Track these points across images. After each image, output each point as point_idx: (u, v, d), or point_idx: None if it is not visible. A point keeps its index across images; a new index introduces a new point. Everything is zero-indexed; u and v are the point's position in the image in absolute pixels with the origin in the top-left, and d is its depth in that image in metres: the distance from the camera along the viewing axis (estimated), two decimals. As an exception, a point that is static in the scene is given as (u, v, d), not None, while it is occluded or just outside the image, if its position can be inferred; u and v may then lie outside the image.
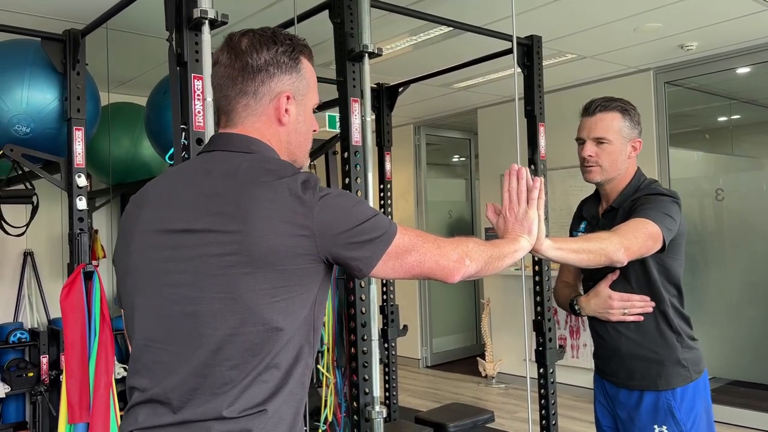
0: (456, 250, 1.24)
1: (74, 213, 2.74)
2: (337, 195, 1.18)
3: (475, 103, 6.00)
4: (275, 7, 3.26)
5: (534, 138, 3.12)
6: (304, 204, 1.11)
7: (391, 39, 4.00)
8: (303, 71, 1.25)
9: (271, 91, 1.22)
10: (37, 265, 4.37)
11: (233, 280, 1.08)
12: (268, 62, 1.20)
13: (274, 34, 1.23)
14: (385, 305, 3.91)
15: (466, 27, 3.04)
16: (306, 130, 1.28)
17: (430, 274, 1.23)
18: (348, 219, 1.15)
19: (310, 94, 1.27)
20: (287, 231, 1.09)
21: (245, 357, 1.08)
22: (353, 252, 1.15)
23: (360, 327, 2.36)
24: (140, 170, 4.12)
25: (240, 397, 1.07)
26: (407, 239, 1.20)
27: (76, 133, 2.74)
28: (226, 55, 1.22)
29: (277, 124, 1.24)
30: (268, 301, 1.09)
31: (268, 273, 1.09)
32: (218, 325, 1.09)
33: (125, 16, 2.71)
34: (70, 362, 2.60)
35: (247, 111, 1.22)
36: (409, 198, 6.75)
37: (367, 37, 2.30)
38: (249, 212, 1.09)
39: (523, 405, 5.21)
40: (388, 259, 1.17)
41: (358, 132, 2.38)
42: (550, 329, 3.06)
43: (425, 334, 6.72)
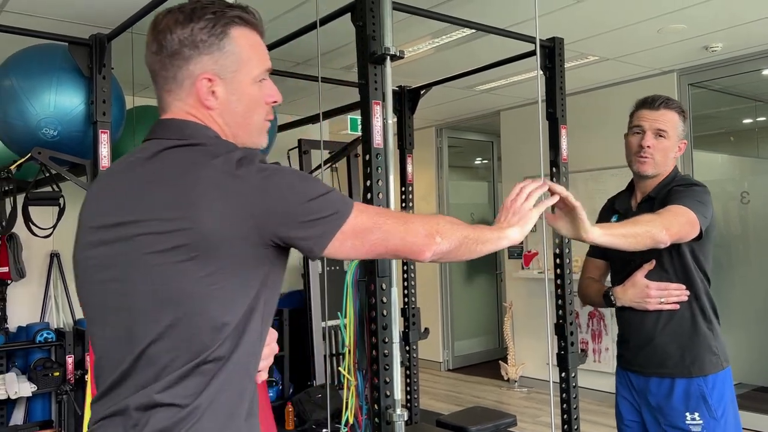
0: (425, 225, 1.17)
1: (100, 215, 2.79)
2: (282, 171, 1.08)
3: (497, 105, 5.98)
4: (298, 10, 3.28)
5: (556, 140, 3.09)
6: (242, 182, 1.03)
7: (413, 41, 4.01)
8: (230, 46, 1.13)
9: (190, 74, 1.13)
10: (63, 267, 4.44)
11: (168, 271, 1.02)
12: (183, 43, 1.11)
13: (194, 9, 1.13)
14: (407, 308, 3.91)
15: (488, 29, 3.04)
16: (245, 109, 1.17)
17: (398, 251, 1.16)
18: (293, 196, 1.06)
19: (245, 69, 1.15)
20: (223, 213, 1.02)
21: (181, 350, 1.03)
22: (301, 231, 1.07)
23: (381, 329, 2.36)
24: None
25: (176, 387, 1.03)
26: (366, 217, 1.12)
27: (101, 135, 2.79)
28: (150, 38, 1.15)
29: (205, 108, 1.14)
30: (207, 291, 1.03)
31: (205, 260, 1.02)
32: (153, 318, 1.04)
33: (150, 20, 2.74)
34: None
35: (173, 97, 1.15)
36: (431, 200, 6.75)
37: (389, 40, 2.31)
38: (181, 197, 1.03)
39: (545, 409, 5.17)
40: (345, 239, 1.10)
41: (379, 134, 2.38)
42: (572, 333, 3.03)
43: (447, 337, 6.70)
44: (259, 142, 1.22)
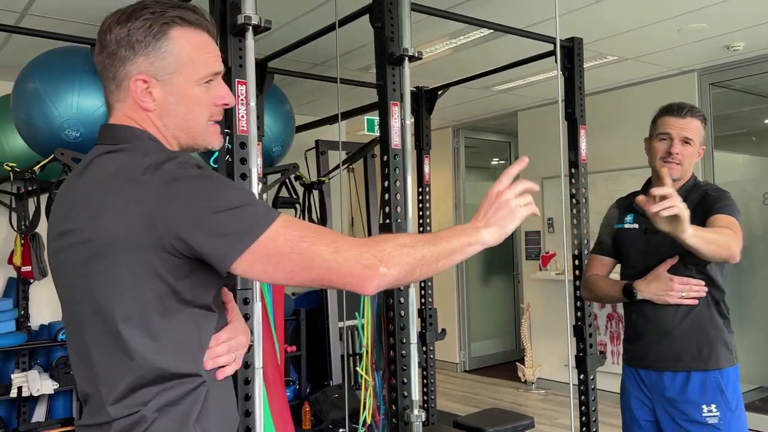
0: (364, 254, 1.02)
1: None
2: (193, 177, 1.01)
3: (515, 105, 5.96)
4: (317, 11, 3.29)
5: (575, 141, 3.08)
6: (143, 188, 0.99)
7: (430, 42, 4.01)
8: (168, 46, 1.08)
9: (127, 75, 1.09)
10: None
11: (89, 281, 1.02)
12: (119, 43, 1.07)
13: (134, 9, 1.09)
14: (424, 308, 3.91)
15: (506, 29, 3.03)
16: (185, 112, 1.12)
17: (328, 283, 1.03)
18: (199, 205, 0.99)
19: (185, 70, 1.10)
20: (123, 221, 0.99)
21: (113, 360, 1.02)
22: (205, 244, 0.99)
23: (399, 330, 2.37)
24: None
25: (125, 399, 1.02)
26: (285, 239, 1.00)
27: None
28: (96, 43, 1.13)
29: (143, 110, 1.11)
30: (118, 301, 1.01)
31: (112, 270, 1.00)
32: (89, 327, 1.04)
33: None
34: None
35: (114, 98, 1.12)
36: (448, 201, 6.74)
37: (407, 41, 2.31)
38: (91, 206, 1.02)
39: (563, 411, 5.14)
40: (254, 261, 0.99)
41: (397, 135, 2.39)
42: (591, 335, 3.01)
43: (463, 338, 6.69)
44: (206, 143, 1.17)
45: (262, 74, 3.24)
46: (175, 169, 1.01)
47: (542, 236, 5.92)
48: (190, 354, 1.07)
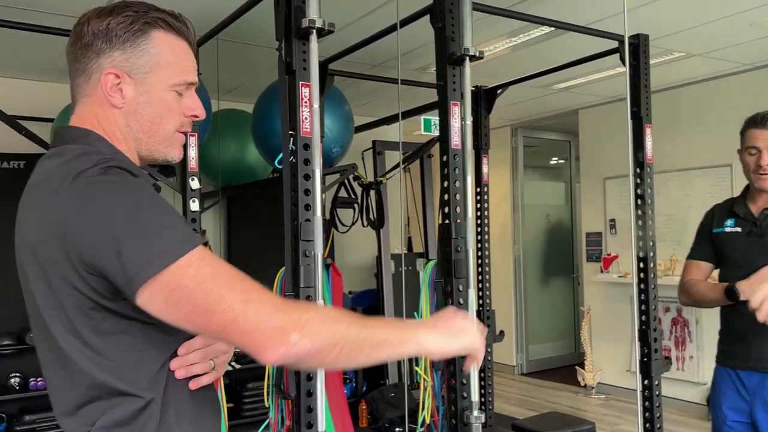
0: (281, 313, 0.90)
1: (188, 214, 2.92)
2: (111, 188, 0.92)
3: (575, 103, 5.84)
4: (377, 12, 3.32)
5: (640, 140, 2.99)
6: (59, 198, 0.92)
7: (488, 41, 3.97)
8: (146, 45, 1.04)
9: (98, 67, 1.04)
10: (152, 263, 4.67)
11: (32, 294, 0.99)
12: (96, 35, 1.03)
13: (117, 6, 1.06)
14: (482, 309, 3.88)
15: (569, 27, 2.98)
16: (153, 115, 1.06)
17: (226, 336, 0.93)
18: (109, 220, 0.90)
19: (161, 72, 1.05)
20: (42, 233, 0.94)
21: (59, 374, 1.00)
22: (109, 267, 0.90)
23: (458, 330, 2.36)
24: (245, 173, 4.32)
25: (73, 416, 0.99)
26: (194, 273, 0.88)
27: (190, 138, 2.91)
28: (71, 35, 1.07)
29: (110, 106, 1.05)
30: (50, 315, 0.97)
31: (43, 282, 0.96)
32: (38, 341, 1.03)
33: (234, 26, 2.85)
34: (183, 354, 2.76)
35: (81, 92, 1.07)
36: (506, 201, 6.66)
37: (468, 41, 2.30)
38: (22, 218, 1.00)
39: (624, 417, 5.00)
40: (155, 292, 0.88)
41: (457, 135, 2.38)
42: (656, 339, 2.92)
43: (521, 341, 6.60)
44: (168, 153, 1.11)
45: (323, 76, 3.28)
46: (95, 176, 0.93)
47: (604, 238, 5.78)
48: (137, 370, 0.97)
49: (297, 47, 2.06)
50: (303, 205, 2.10)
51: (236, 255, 5.02)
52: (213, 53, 3.35)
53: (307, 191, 2.10)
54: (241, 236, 5.02)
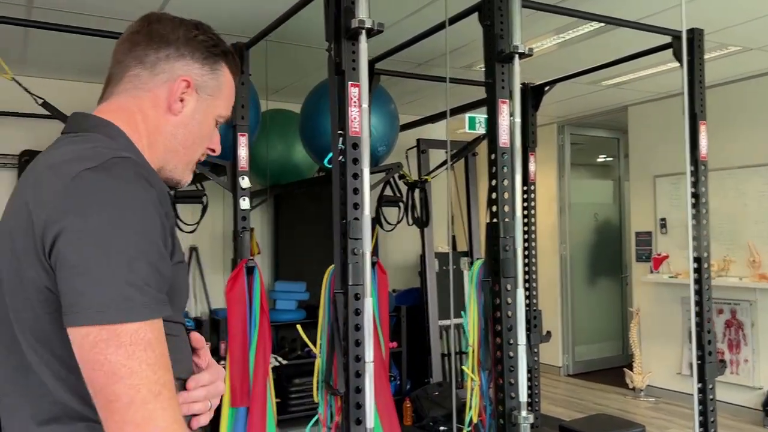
0: (165, 422, 0.80)
1: (238, 212, 2.98)
2: (108, 194, 0.84)
3: (624, 100, 5.71)
4: (425, 10, 3.31)
5: (694, 137, 2.92)
6: (55, 178, 0.86)
7: (534, 38, 3.93)
8: (219, 72, 1.06)
9: (172, 70, 1.02)
10: (201, 260, 4.79)
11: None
12: (180, 40, 1.02)
13: (200, 24, 1.06)
14: (528, 309, 3.85)
15: (622, 23, 2.92)
16: (198, 135, 1.05)
17: (104, 415, 0.81)
18: (87, 230, 0.81)
19: (219, 102, 1.07)
20: (18, 215, 0.88)
21: (18, 382, 0.92)
22: (61, 281, 0.82)
23: (506, 330, 2.35)
24: (292, 172, 4.38)
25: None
26: (129, 342, 0.79)
27: (240, 138, 2.98)
28: (138, 24, 1.05)
29: (166, 110, 1.02)
30: (21, 324, 0.90)
31: (14, 282, 0.89)
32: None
33: (281, 27, 2.89)
34: (233, 350, 2.83)
35: (135, 82, 1.01)
36: (552, 200, 6.57)
37: (517, 38, 2.29)
38: (12, 206, 0.92)
39: (675, 421, 4.88)
40: (77, 337, 0.80)
41: (506, 133, 2.36)
42: (710, 342, 2.85)
43: (567, 342, 6.50)
44: (184, 176, 1.08)
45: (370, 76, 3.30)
46: (100, 172, 0.85)
47: (654, 237, 5.64)
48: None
49: (346, 47, 2.09)
50: (351, 203, 2.12)
51: (283, 253, 5.10)
52: (262, 54, 3.40)
53: (356, 190, 2.12)
54: (287, 235, 5.09)
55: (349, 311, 2.08)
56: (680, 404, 5.23)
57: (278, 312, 4.46)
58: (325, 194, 5.10)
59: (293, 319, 4.44)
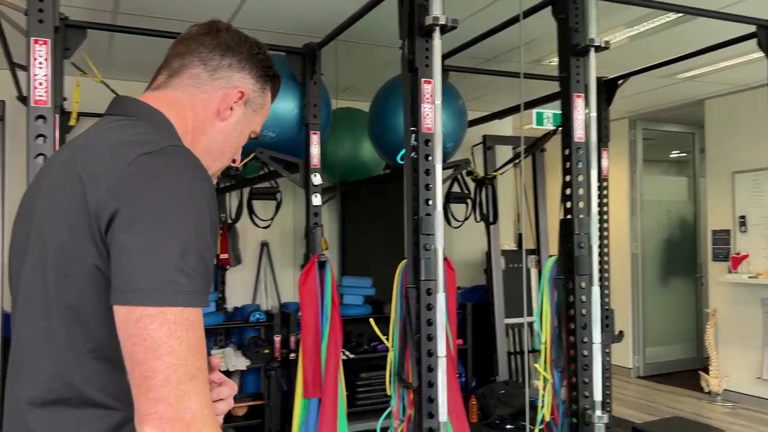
0: (196, 405, 0.82)
1: (310, 208, 3.05)
2: (175, 179, 0.87)
3: (701, 93, 5.49)
4: (497, 5, 3.29)
5: (781, 130, 2.78)
6: (113, 162, 0.88)
7: (605, 31, 3.84)
8: (266, 92, 1.13)
9: (231, 79, 1.07)
10: (272, 255, 4.92)
11: (44, 256, 0.95)
12: (244, 54, 1.08)
13: (262, 44, 1.14)
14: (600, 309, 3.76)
15: (703, 13, 2.81)
16: (234, 144, 1.11)
17: (136, 392, 0.82)
18: (147, 215, 0.84)
19: (258, 118, 1.14)
20: (86, 199, 0.88)
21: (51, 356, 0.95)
22: (113, 261, 0.84)
23: (580, 329, 2.32)
24: (359, 170, 4.43)
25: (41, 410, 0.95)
26: (171, 326, 0.82)
27: (312, 136, 3.05)
28: (206, 28, 1.10)
29: (215, 114, 1.07)
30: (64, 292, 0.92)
31: (66, 249, 0.91)
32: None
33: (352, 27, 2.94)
34: (306, 342, 2.90)
35: (193, 81, 1.06)
36: (623, 197, 6.39)
37: (593, 31, 2.25)
38: (69, 176, 0.93)
39: (755, 427, 4.67)
40: (123, 313, 0.83)
41: (580, 128, 2.33)
42: (798, 345, 2.72)
43: (638, 343, 6.31)
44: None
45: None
46: (158, 158, 0.88)
47: (732, 235, 5.40)
48: (119, 379, 0.88)
49: (420, 45, 2.10)
50: (423, 199, 2.14)
51: (349, 249, 5.17)
52: (331, 54, 3.46)
53: (428, 186, 2.14)
54: (353, 231, 5.16)
55: (421, 306, 2.10)
56: (761, 410, 5.00)
57: (345, 307, 4.52)
58: (390, 191, 5.16)
59: (360, 314, 4.50)
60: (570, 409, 2.30)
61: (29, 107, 2.09)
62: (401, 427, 2.14)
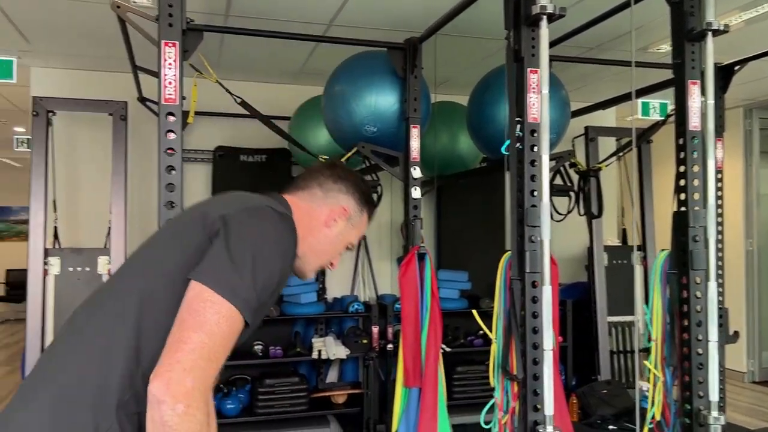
0: (201, 381, 1.07)
1: (410, 201, 3.09)
2: (269, 224, 1.26)
3: (828, 78, 5.07)
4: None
5: None
6: (236, 203, 1.31)
7: (720, 16, 3.62)
8: (364, 214, 1.52)
9: (337, 200, 1.46)
10: (369, 247, 5.01)
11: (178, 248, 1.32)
12: (349, 185, 1.49)
13: (365, 181, 1.57)
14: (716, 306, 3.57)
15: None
16: (330, 250, 1.48)
17: (172, 343, 1.09)
18: (246, 229, 1.22)
19: (355, 232, 1.51)
20: (213, 216, 1.27)
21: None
22: (212, 246, 1.19)
23: (694, 326, 2.22)
24: (456, 163, 4.43)
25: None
26: (217, 310, 1.11)
27: (412, 130, 3.08)
28: (329, 165, 1.54)
29: (323, 222, 1.44)
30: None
31: (195, 246, 1.26)
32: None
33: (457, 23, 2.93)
34: (406, 332, 2.94)
35: (310, 196, 1.46)
36: (737, 190, 6.00)
37: (711, 14, 2.14)
38: (212, 204, 1.39)
39: None
40: (196, 287, 1.13)
41: (696, 116, 2.22)
42: None
43: (752, 345, 5.92)
44: (308, 273, 1.49)
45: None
46: (264, 214, 1.27)
47: None
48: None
49: (526, 34, 2.08)
50: (529, 190, 2.11)
51: (445, 243, 5.18)
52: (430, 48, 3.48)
53: (533, 176, 2.11)
54: (448, 224, 5.16)
55: (526, 299, 2.08)
56: None
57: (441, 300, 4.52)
58: (486, 185, 5.11)
59: (456, 308, 4.50)
60: (683, 408, 2.21)
61: (160, 105, 2.26)
62: (505, 419, 2.14)
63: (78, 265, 3.90)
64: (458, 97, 4.44)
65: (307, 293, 4.35)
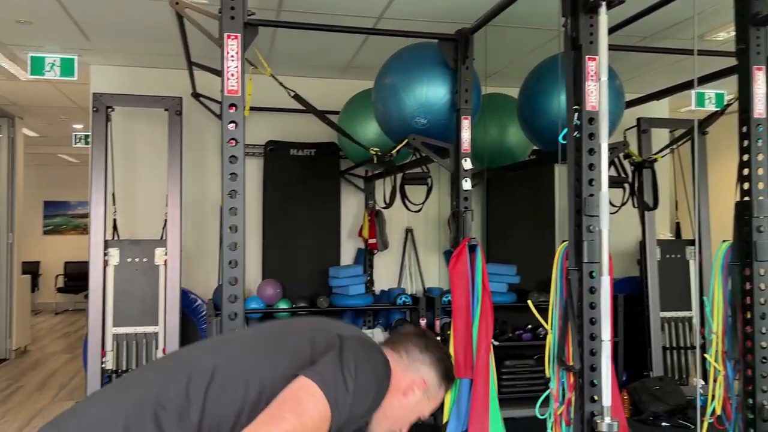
0: None
1: (460, 192, 3.08)
2: (360, 357, 1.41)
3: None
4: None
5: None
6: (350, 342, 1.46)
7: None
8: (442, 389, 1.61)
9: (420, 371, 1.55)
10: (416, 241, 5.02)
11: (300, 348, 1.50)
12: (434, 359, 1.58)
13: (449, 358, 1.66)
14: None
15: None
16: (405, 417, 1.55)
17: (262, 420, 1.26)
18: (343, 353, 1.40)
19: (430, 405, 1.59)
20: (329, 335, 1.49)
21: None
22: (319, 358, 1.39)
23: (758, 319, 2.16)
24: (506, 155, 4.40)
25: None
26: (314, 403, 1.28)
27: (463, 122, 3.07)
28: (418, 332, 1.68)
29: (402, 391, 1.52)
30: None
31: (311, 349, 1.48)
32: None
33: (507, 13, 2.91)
34: (457, 323, 2.94)
35: (398, 360, 1.54)
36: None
37: (778, -3, 2.07)
38: (327, 326, 1.57)
39: None
40: (300, 378, 1.31)
41: (761, 103, 2.16)
42: None
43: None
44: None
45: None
46: (375, 350, 1.49)
47: None
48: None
49: (584, 21, 2.06)
50: (587, 179, 2.09)
51: (493, 236, 5.15)
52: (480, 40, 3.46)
53: (591, 165, 2.09)
54: (497, 217, 5.13)
55: (584, 289, 2.06)
56: None
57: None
58: (535, 177, 5.06)
59: (504, 301, 4.48)
60: (745, 403, 2.16)
61: (223, 96, 2.32)
62: (561, 409, 2.12)
63: (136, 256, 4.03)
64: (508, 89, 4.40)
65: (356, 285, 4.39)
